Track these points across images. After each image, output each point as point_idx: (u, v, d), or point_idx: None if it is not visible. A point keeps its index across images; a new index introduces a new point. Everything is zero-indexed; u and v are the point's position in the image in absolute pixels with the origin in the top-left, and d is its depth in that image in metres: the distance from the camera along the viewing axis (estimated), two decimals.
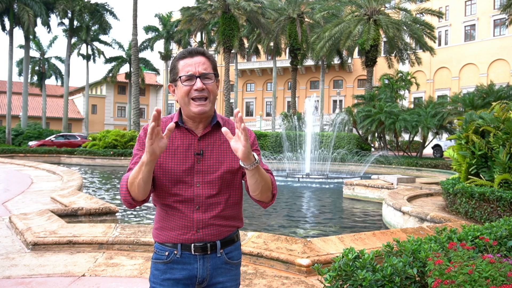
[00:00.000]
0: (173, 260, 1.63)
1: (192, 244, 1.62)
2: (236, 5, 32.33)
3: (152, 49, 45.77)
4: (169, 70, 1.70)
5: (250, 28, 39.18)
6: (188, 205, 1.60)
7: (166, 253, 1.64)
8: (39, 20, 34.66)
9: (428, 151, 28.85)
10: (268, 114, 53.39)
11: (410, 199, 8.15)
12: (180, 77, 1.60)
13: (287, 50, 40.24)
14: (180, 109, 1.68)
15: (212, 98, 1.62)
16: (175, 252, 1.63)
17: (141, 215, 8.78)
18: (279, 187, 14.38)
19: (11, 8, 33.09)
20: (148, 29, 45.38)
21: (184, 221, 1.61)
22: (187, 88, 1.59)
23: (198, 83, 1.58)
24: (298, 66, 40.46)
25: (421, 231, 4.78)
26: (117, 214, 6.46)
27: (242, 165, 1.51)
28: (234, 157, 1.66)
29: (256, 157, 1.51)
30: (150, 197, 1.63)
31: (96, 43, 44.66)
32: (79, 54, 44.24)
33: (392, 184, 10.97)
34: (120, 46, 45.94)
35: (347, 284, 1.88)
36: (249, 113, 57.22)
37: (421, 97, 41.20)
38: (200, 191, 1.61)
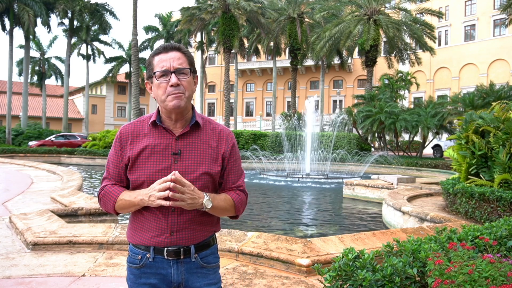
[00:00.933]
0: (146, 264, 1.59)
1: (165, 248, 1.57)
2: (236, 5, 32.33)
3: (152, 49, 45.72)
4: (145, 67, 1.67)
5: (250, 28, 39.17)
6: (163, 206, 1.53)
7: (139, 257, 1.60)
8: (39, 20, 34.63)
9: (428, 151, 28.85)
10: (268, 114, 53.38)
11: (410, 199, 8.14)
12: (155, 73, 1.57)
13: (287, 50, 40.23)
14: (158, 107, 1.64)
15: (188, 94, 1.58)
16: (147, 255, 1.59)
17: None
18: (279, 187, 14.46)
19: (11, 8, 33.08)
20: (148, 29, 45.38)
21: (158, 223, 1.57)
22: (162, 84, 1.56)
23: (173, 79, 1.54)
24: (298, 66, 40.44)
25: (421, 231, 4.78)
26: None
27: None
28: (214, 159, 1.62)
29: (205, 203, 1.54)
30: None
31: (96, 43, 44.70)
32: (79, 54, 44.25)
33: (392, 184, 10.97)
34: (120, 46, 45.96)
35: (347, 284, 1.88)
36: (249, 113, 57.21)
37: (421, 97, 41.19)
38: None
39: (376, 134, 25.55)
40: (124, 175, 1.63)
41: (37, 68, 44.60)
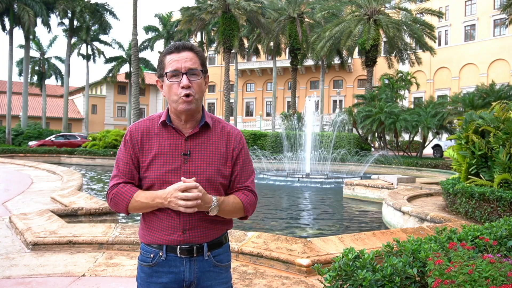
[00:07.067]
0: (158, 263, 1.59)
1: (178, 246, 1.57)
2: (236, 5, 32.33)
3: (152, 49, 45.78)
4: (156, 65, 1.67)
5: (250, 28, 39.16)
6: None
7: (151, 255, 1.60)
8: (39, 20, 34.62)
9: (428, 151, 28.84)
10: (268, 114, 53.34)
11: (410, 199, 8.14)
12: (166, 73, 1.56)
13: (287, 50, 40.23)
14: (168, 107, 1.64)
15: (198, 96, 1.58)
16: (160, 254, 1.58)
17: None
18: (279, 187, 14.45)
19: (11, 8, 33.08)
20: (148, 29, 45.38)
21: (170, 222, 1.57)
22: (173, 85, 1.56)
23: (184, 80, 1.54)
24: (298, 66, 40.43)
25: (421, 231, 4.78)
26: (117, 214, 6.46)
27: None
28: (223, 159, 1.62)
29: (210, 210, 1.54)
30: None
31: (96, 43, 44.70)
32: (79, 54, 44.26)
33: (392, 184, 10.96)
34: (120, 46, 45.95)
35: (347, 284, 1.88)
36: (249, 113, 57.19)
37: (421, 97, 41.19)
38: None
39: (376, 134, 25.56)
40: (136, 173, 1.61)
41: (37, 68, 44.59)
